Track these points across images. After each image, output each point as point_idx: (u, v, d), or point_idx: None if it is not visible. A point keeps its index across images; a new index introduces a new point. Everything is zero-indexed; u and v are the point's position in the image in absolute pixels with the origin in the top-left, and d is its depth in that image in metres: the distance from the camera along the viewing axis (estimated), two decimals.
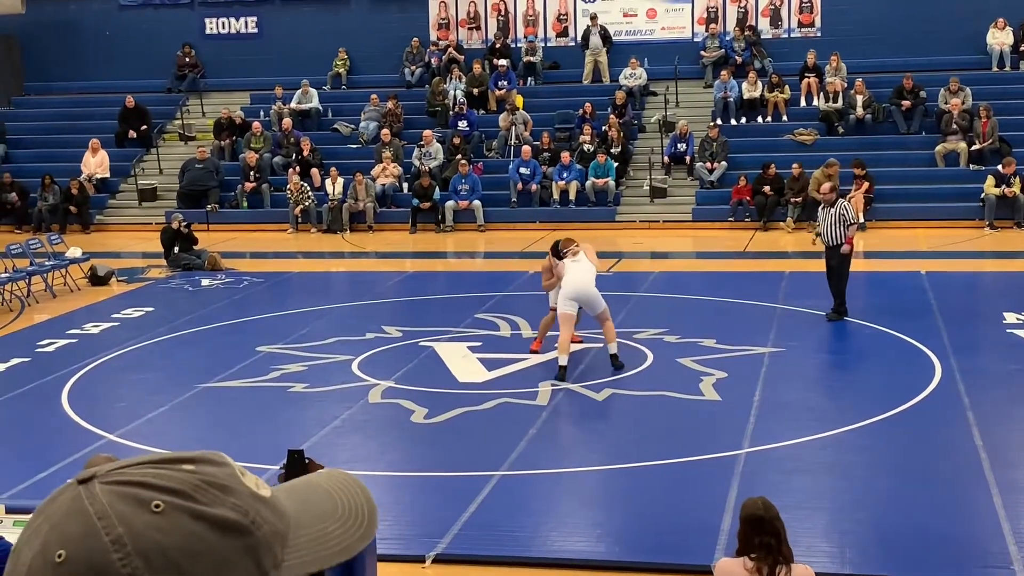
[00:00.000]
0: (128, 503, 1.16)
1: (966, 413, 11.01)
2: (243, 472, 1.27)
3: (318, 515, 1.28)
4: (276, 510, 1.25)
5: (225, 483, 1.22)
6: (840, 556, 8.09)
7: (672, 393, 11.99)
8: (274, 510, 1.24)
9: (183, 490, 1.18)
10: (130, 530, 1.14)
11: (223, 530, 1.18)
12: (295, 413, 11.81)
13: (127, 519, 1.15)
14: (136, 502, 1.16)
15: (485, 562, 8.16)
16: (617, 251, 21.64)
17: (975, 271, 19.15)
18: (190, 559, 1.15)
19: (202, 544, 1.16)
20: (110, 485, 1.18)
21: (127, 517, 1.15)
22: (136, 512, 1.16)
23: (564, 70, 29.11)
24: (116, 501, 1.16)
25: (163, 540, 1.15)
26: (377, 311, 16.66)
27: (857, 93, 25.70)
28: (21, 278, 18.23)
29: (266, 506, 1.24)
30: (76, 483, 1.19)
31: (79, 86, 31.08)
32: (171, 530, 1.16)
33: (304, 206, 25.00)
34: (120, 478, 1.18)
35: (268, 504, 1.24)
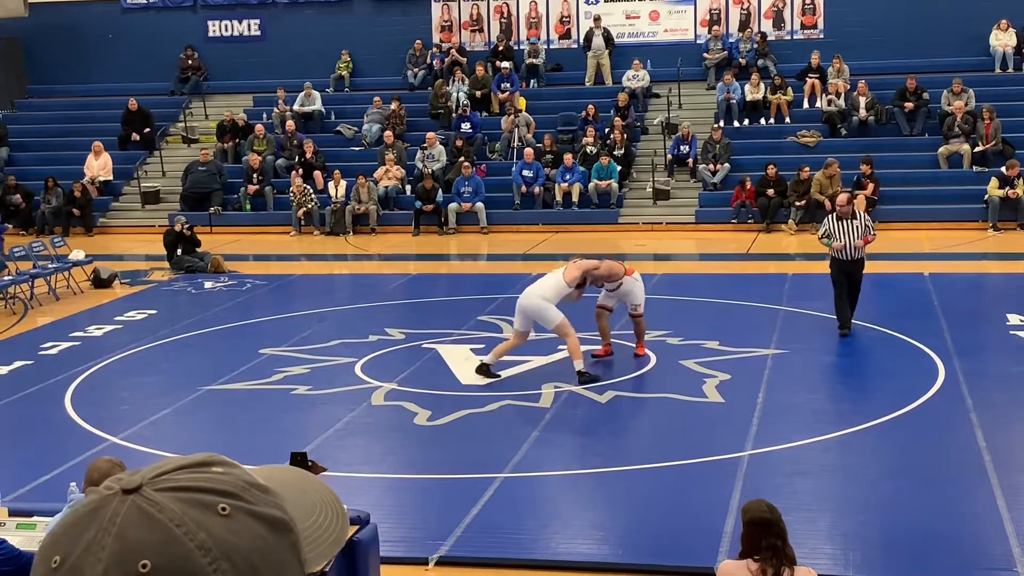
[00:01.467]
0: (197, 508, 1.17)
1: (969, 415, 11.00)
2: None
3: (305, 510, 1.29)
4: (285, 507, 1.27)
5: (258, 483, 1.24)
6: (843, 558, 8.08)
7: (675, 395, 11.98)
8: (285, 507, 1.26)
9: (236, 492, 1.20)
10: (211, 535, 1.15)
11: (276, 528, 1.21)
12: (298, 416, 11.81)
13: (204, 524, 1.16)
14: (203, 507, 1.17)
15: (488, 564, 8.16)
16: (620, 253, 21.62)
17: (979, 273, 19.14)
18: (261, 559, 1.18)
19: (266, 544, 1.19)
20: (169, 492, 1.18)
21: (204, 522, 1.16)
22: (208, 517, 1.17)
23: (567, 72, 29.12)
24: (186, 507, 1.17)
25: (238, 542, 1.17)
26: (380, 313, 16.67)
27: (860, 95, 25.69)
28: (24, 281, 18.24)
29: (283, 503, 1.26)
30: (122, 492, 1.18)
31: (82, 89, 31.12)
32: (241, 532, 1.17)
33: (307, 208, 25.01)
34: (173, 484, 1.19)
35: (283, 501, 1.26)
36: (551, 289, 12.54)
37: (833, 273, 14.13)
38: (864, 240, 13.87)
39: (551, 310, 12.46)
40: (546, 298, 12.48)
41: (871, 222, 14.19)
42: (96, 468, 5.91)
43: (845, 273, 13.98)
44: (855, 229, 13.85)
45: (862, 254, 14.01)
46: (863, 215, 14.16)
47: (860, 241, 13.84)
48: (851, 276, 14.00)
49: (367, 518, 6.58)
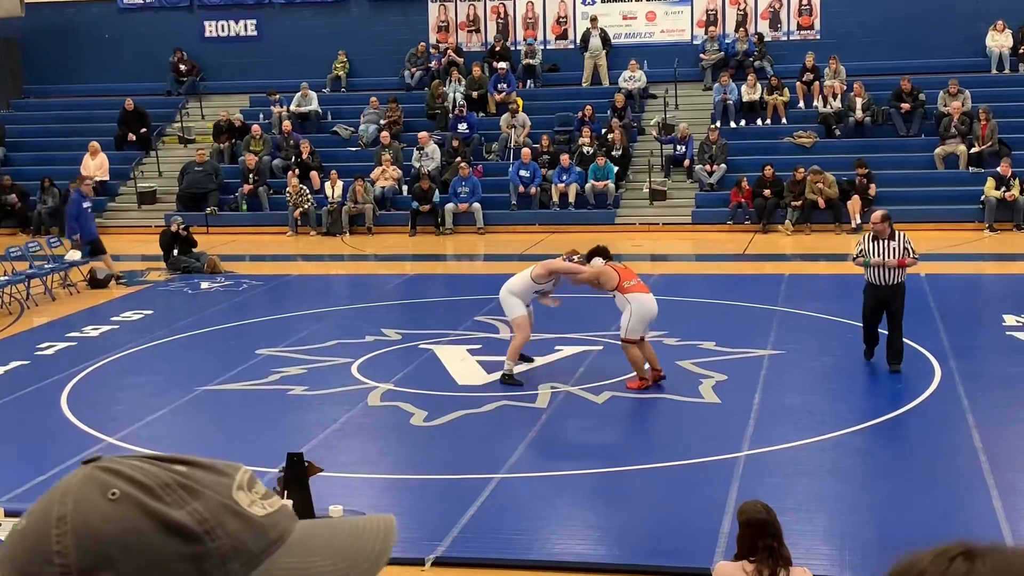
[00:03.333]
0: (91, 486, 1.19)
1: (966, 416, 11.01)
2: (246, 486, 1.25)
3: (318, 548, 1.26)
4: (257, 529, 1.23)
5: (200, 489, 1.22)
6: (840, 559, 8.08)
7: (672, 396, 11.98)
8: (254, 529, 1.23)
9: (149, 485, 1.20)
10: (76, 510, 1.17)
11: (168, 532, 1.18)
12: (295, 416, 11.80)
13: (80, 500, 1.18)
14: (99, 487, 1.19)
15: (485, 565, 8.15)
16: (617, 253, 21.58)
17: (975, 273, 19.15)
18: (122, 551, 1.16)
19: (140, 540, 1.17)
20: (96, 469, 1.21)
21: (81, 498, 1.18)
22: (92, 496, 1.18)
23: (563, 72, 29.12)
24: (84, 483, 1.20)
25: (102, 527, 1.17)
26: (377, 314, 16.66)
27: (856, 95, 25.70)
28: (20, 281, 18.22)
29: (242, 522, 1.22)
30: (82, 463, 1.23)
31: (78, 89, 31.09)
32: (115, 520, 1.17)
33: (303, 209, 25.00)
34: (109, 465, 1.21)
35: (247, 521, 1.23)
36: (518, 283, 12.70)
37: (866, 300, 12.59)
38: (900, 262, 12.20)
39: (514, 304, 12.62)
40: (512, 291, 12.66)
41: (911, 244, 12.36)
42: None
43: (881, 301, 12.40)
44: (891, 251, 12.27)
45: (900, 278, 12.32)
46: (902, 235, 12.35)
47: (894, 261, 12.21)
48: (888, 305, 12.40)
49: None
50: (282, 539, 1.25)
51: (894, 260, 12.22)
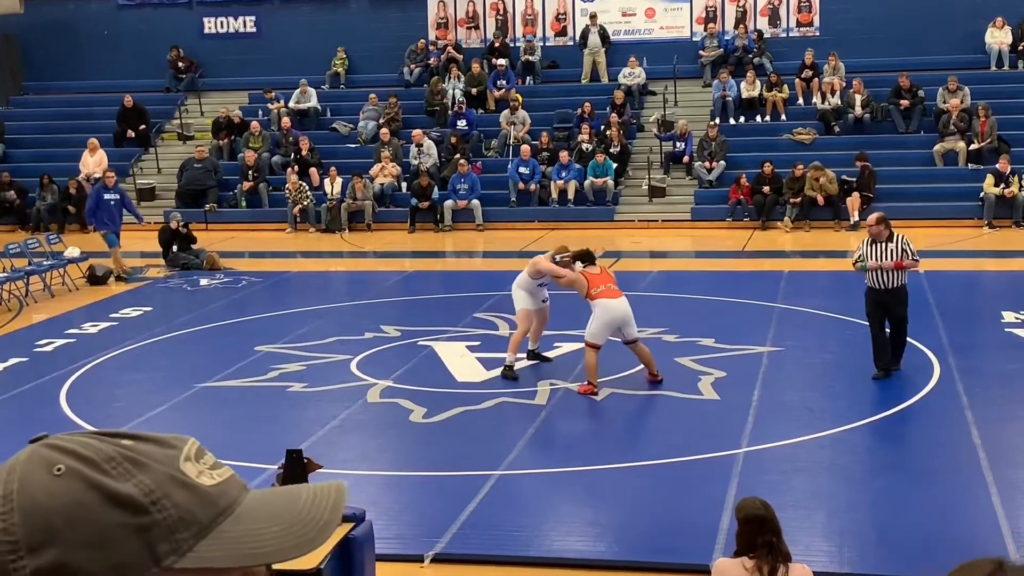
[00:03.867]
0: (36, 463, 1.20)
1: (964, 412, 11.01)
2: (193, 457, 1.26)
3: (268, 515, 1.26)
4: (205, 499, 1.23)
5: (146, 461, 1.22)
6: (838, 555, 8.09)
7: (671, 392, 11.98)
8: (202, 499, 1.23)
9: (93, 459, 1.20)
10: (22, 487, 1.18)
11: (114, 504, 1.18)
12: (294, 413, 11.80)
13: (25, 477, 1.18)
14: (43, 464, 1.19)
15: (484, 561, 8.16)
16: (616, 250, 21.63)
17: (974, 270, 19.16)
18: (69, 525, 1.16)
19: (86, 513, 1.17)
20: (41, 447, 1.22)
21: (26, 475, 1.19)
22: (37, 472, 1.19)
23: (563, 69, 29.12)
24: (29, 460, 1.20)
25: (48, 502, 1.17)
26: (376, 311, 16.66)
27: (856, 92, 25.70)
28: (19, 278, 18.22)
29: (190, 493, 1.22)
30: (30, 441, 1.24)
31: (77, 85, 31.08)
32: (60, 494, 1.17)
33: (303, 205, 25.00)
34: (55, 442, 1.22)
35: (195, 492, 1.23)
36: (522, 278, 12.91)
37: (867, 306, 12.20)
38: (897, 264, 11.80)
39: (519, 297, 12.84)
40: (519, 285, 12.87)
41: (911, 246, 11.93)
42: None
43: (880, 305, 12.03)
44: (889, 253, 11.87)
45: (900, 282, 11.92)
46: (902, 237, 11.93)
47: (890, 263, 11.81)
48: (888, 310, 12.03)
49: (362, 515, 6.58)
50: (231, 508, 1.24)
51: (890, 262, 11.83)
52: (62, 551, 1.15)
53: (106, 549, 1.17)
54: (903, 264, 11.85)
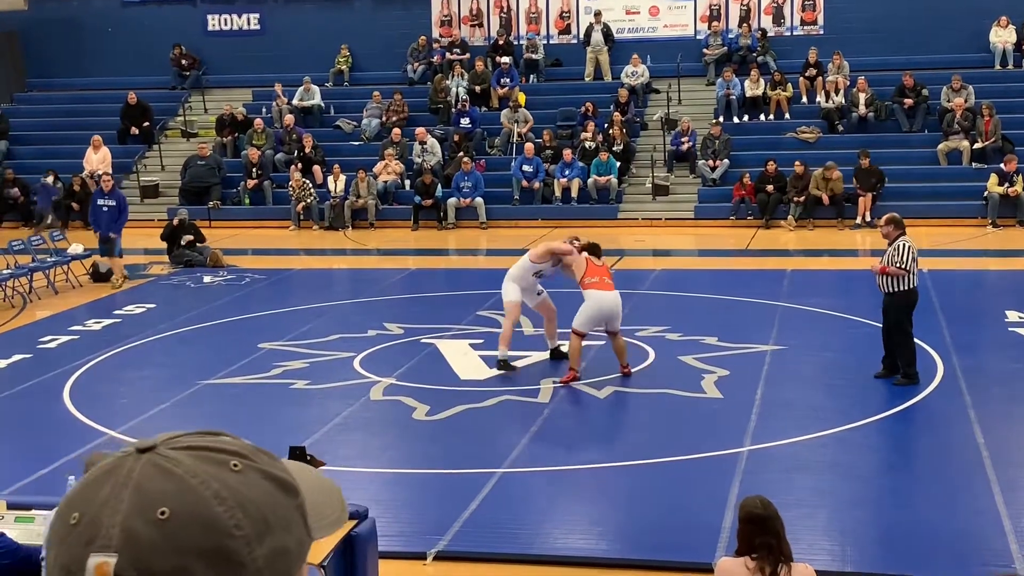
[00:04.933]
0: (210, 463, 1.22)
1: (968, 411, 11.00)
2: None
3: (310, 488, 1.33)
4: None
5: (265, 450, 1.29)
6: (841, 554, 8.09)
7: (674, 391, 11.98)
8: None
9: (246, 453, 1.25)
10: (224, 485, 1.21)
11: (284, 489, 1.26)
12: (297, 410, 11.81)
13: (218, 477, 1.21)
14: (216, 463, 1.22)
15: (486, 559, 8.16)
16: (619, 248, 21.64)
17: (978, 269, 19.14)
18: (272, 513, 1.23)
19: (275, 501, 1.24)
20: (183, 450, 1.23)
21: (217, 475, 1.21)
22: (221, 471, 1.22)
23: (566, 67, 29.11)
24: (200, 462, 1.22)
25: (250, 495, 1.22)
26: (379, 308, 16.66)
27: (860, 91, 25.67)
28: (23, 274, 18.24)
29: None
30: (136, 452, 1.24)
31: (81, 82, 31.09)
32: (253, 486, 1.22)
33: (306, 203, 25.01)
34: (186, 444, 1.24)
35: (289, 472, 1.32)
36: (516, 268, 12.91)
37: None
38: (881, 269, 11.63)
39: (510, 288, 12.85)
40: (511, 278, 12.88)
41: (896, 250, 11.56)
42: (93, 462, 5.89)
43: (883, 309, 11.94)
44: (885, 257, 11.71)
45: (887, 288, 11.66)
46: (900, 242, 11.60)
47: (877, 267, 11.71)
48: (884, 314, 11.92)
49: (365, 512, 6.59)
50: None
51: (878, 266, 11.72)
52: (275, 537, 1.22)
53: (293, 529, 1.25)
54: (886, 270, 11.59)
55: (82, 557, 1.17)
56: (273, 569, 1.21)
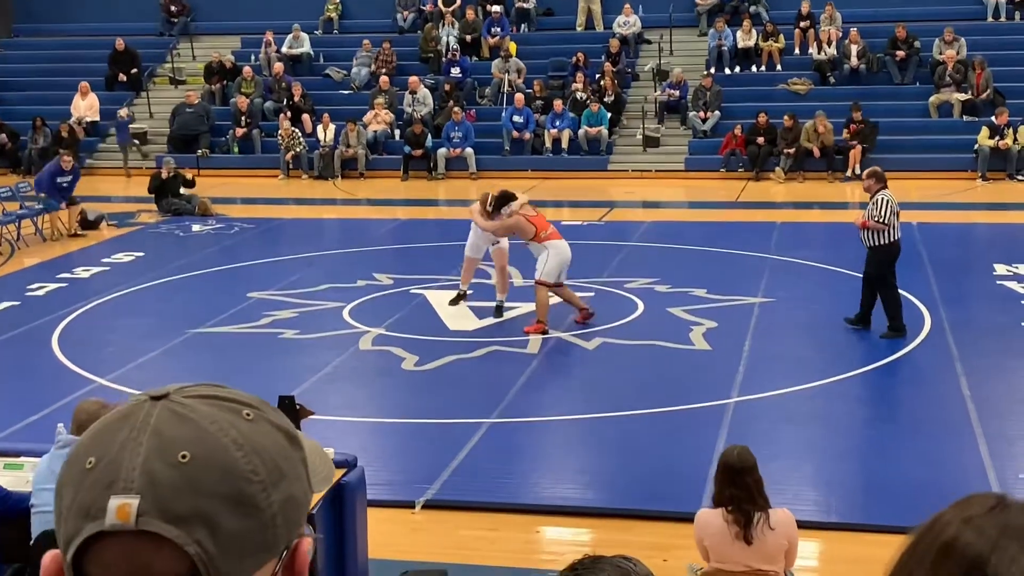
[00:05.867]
0: (226, 411, 1.24)
1: (954, 364, 11.06)
2: None
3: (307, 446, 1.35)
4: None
5: (267, 403, 1.31)
6: (826, 504, 8.15)
7: (662, 342, 12.02)
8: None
9: (256, 404, 1.28)
10: (240, 433, 1.22)
11: (291, 441, 1.28)
12: (286, 359, 11.82)
13: (234, 424, 1.23)
14: (230, 411, 1.24)
15: (474, 508, 8.21)
16: (609, 200, 21.63)
17: (967, 223, 19.16)
18: (284, 460, 1.25)
19: (285, 451, 1.26)
20: (197, 399, 1.25)
21: (233, 423, 1.23)
22: (236, 419, 1.24)
23: (558, 17, 28.92)
24: (215, 410, 1.23)
25: (265, 443, 1.24)
26: (368, 258, 16.65)
27: (852, 43, 25.58)
28: (11, 221, 18.18)
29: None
30: (150, 399, 1.24)
31: (69, 28, 30.80)
32: (265, 435, 1.24)
33: (295, 152, 24.91)
34: (199, 393, 1.26)
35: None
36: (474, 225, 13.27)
37: None
38: (861, 223, 11.75)
39: (469, 242, 13.35)
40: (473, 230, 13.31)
41: (875, 204, 11.63)
42: (83, 410, 5.90)
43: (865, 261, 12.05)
44: (866, 212, 11.81)
45: (870, 242, 11.74)
46: (880, 196, 11.64)
47: (858, 221, 11.88)
48: (866, 266, 12.01)
49: (354, 461, 6.61)
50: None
51: (858, 221, 11.84)
52: (288, 485, 1.24)
53: (301, 479, 1.28)
54: (867, 224, 11.66)
55: (103, 499, 1.18)
56: (285, 515, 1.23)
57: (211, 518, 1.18)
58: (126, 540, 1.17)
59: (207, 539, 1.17)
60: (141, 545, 1.17)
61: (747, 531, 5.66)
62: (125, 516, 1.16)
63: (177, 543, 1.16)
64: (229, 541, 1.18)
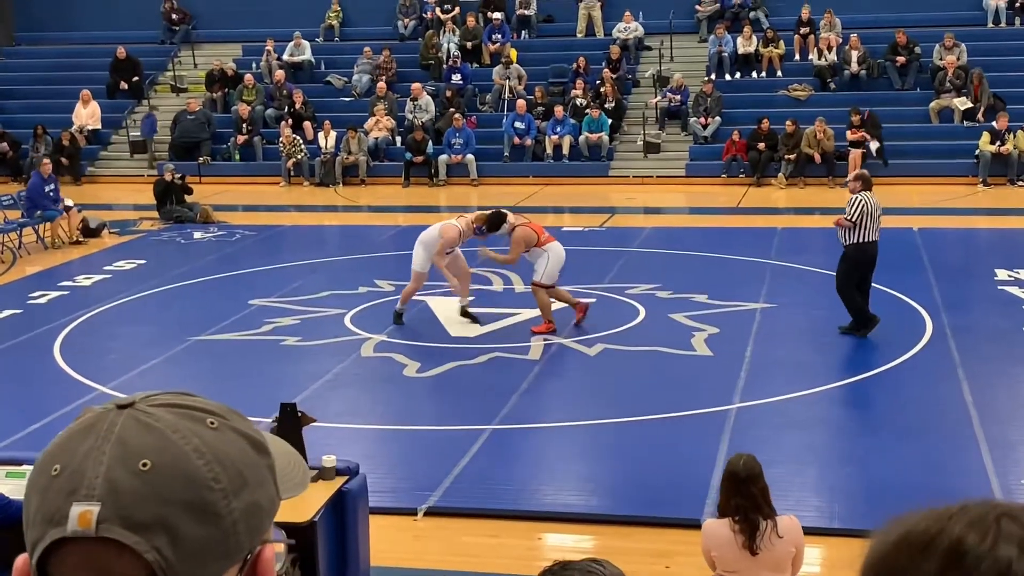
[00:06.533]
0: (189, 420, 1.25)
1: (956, 369, 11.06)
2: None
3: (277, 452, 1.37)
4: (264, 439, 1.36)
5: (236, 410, 1.32)
6: (829, 510, 8.15)
7: (664, 348, 12.02)
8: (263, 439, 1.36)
9: (221, 412, 1.29)
10: (203, 441, 1.24)
11: (256, 448, 1.29)
12: (287, 366, 11.82)
13: (197, 433, 1.24)
14: (194, 419, 1.26)
15: (477, 515, 8.20)
16: (610, 206, 21.63)
17: (968, 228, 19.16)
18: (248, 468, 1.26)
19: (250, 459, 1.27)
20: (161, 407, 1.26)
21: (196, 431, 1.24)
22: (199, 428, 1.25)
23: (558, 23, 28.94)
24: (178, 419, 1.25)
25: (228, 451, 1.25)
26: (370, 265, 16.65)
27: (852, 48, 25.59)
28: (12, 229, 18.19)
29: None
30: (116, 408, 1.26)
31: (71, 36, 30.84)
32: (229, 443, 1.26)
33: (296, 159, 24.92)
34: (164, 402, 1.27)
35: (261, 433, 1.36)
36: (432, 237, 13.06)
37: None
38: (836, 221, 12.00)
39: (418, 254, 13.08)
40: (425, 245, 13.08)
41: (850, 204, 11.78)
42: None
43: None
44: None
45: (842, 240, 11.93)
46: (856, 196, 11.76)
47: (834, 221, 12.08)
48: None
49: (356, 468, 6.61)
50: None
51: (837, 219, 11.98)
52: (250, 492, 1.26)
53: (266, 487, 1.29)
54: (839, 222, 11.85)
55: (66, 506, 1.20)
56: (248, 523, 1.25)
57: (171, 525, 1.19)
58: (88, 546, 1.19)
59: (167, 546, 1.19)
60: (102, 551, 1.19)
61: (754, 541, 5.65)
62: (86, 523, 1.19)
63: (137, 550, 1.18)
64: (189, 548, 1.20)
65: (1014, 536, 1.14)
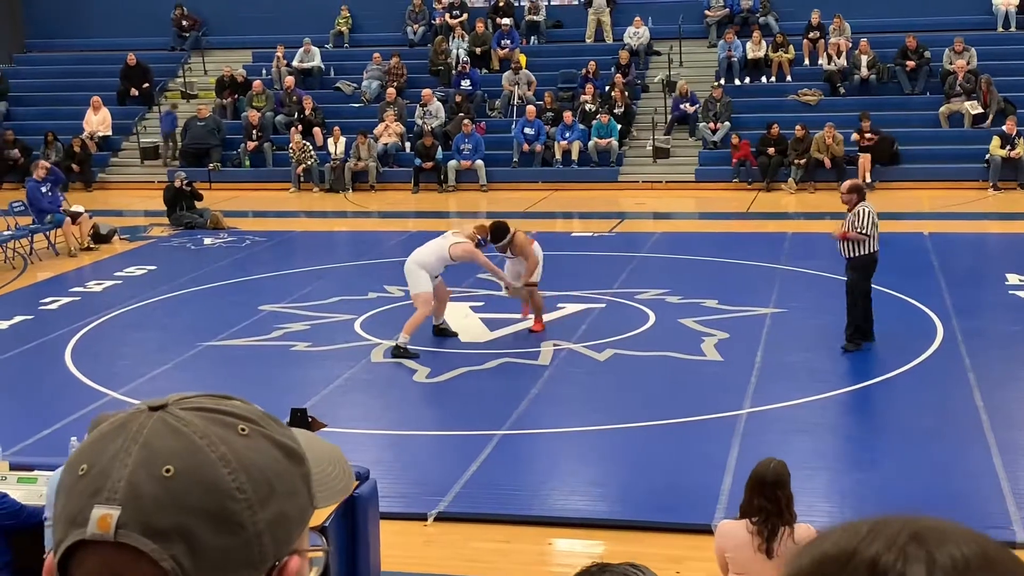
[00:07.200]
0: (219, 426, 1.23)
1: (967, 374, 11.03)
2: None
3: (318, 458, 1.35)
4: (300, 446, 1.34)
5: (273, 416, 1.30)
6: (840, 516, 8.12)
7: (674, 353, 12.01)
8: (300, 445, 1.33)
9: (255, 418, 1.26)
10: (231, 449, 1.22)
11: (290, 456, 1.27)
12: (298, 372, 11.84)
13: (225, 439, 1.22)
14: (224, 425, 1.23)
15: (486, 520, 8.21)
16: (620, 211, 21.63)
17: (978, 232, 19.12)
18: (276, 478, 1.24)
19: (280, 467, 1.25)
20: (193, 411, 1.24)
21: (225, 438, 1.22)
22: (229, 434, 1.23)
23: (567, 29, 28.96)
24: (208, 424, 1.23)
25: (257, 459, 1.23)
26: (379, 270, 16.65)
27: (862, 53, 25.57)
28: (24, 236, 18.24)
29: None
30: (148, 409, 1.25)
31: (81, 43, 30.93)
32: (260, 451, 1.24)
33: (306, 165, 24.96)
34: (197, 405, 1.25)
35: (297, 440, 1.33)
36: (428, 259, 12.39)
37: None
38: (842, 234, 11.56)
39: (421, 279, 12.24)
40: (422, 266, 12.31)
41: (856, 216, 11.42)
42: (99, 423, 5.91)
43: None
44: (846, 223, 11.58)
45: (848, 253, 11.61)
46: (860, 208, 11.42)
47: (837, 233, 11.69)
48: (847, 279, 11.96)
49: (366, 474, 6.62)
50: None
51: (838, 232, 11.64)
52: (278, 503, 1.23)
53: (297, 497, 1.27)
54: (847, 235, 11.49)
55: (87, 508, 1.19)
56: (273, 534, 1.23)
57: (191, 534, 1.18)
58: (106, 550, 1.18)
59: (184, 555, 1.17)
60: (120, 556, 1.18)
61: (771, 544, 5.65)
62: (106, 527, 1.18)
63: (154, 557, 1.17)
64: (208, 557, 1.18)
65: (921, 557, 1.14)
